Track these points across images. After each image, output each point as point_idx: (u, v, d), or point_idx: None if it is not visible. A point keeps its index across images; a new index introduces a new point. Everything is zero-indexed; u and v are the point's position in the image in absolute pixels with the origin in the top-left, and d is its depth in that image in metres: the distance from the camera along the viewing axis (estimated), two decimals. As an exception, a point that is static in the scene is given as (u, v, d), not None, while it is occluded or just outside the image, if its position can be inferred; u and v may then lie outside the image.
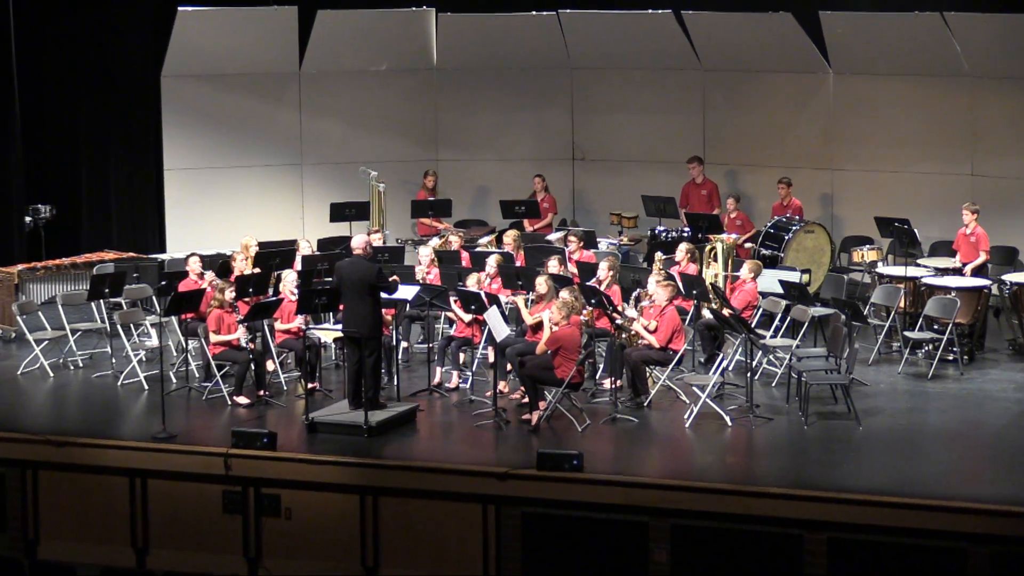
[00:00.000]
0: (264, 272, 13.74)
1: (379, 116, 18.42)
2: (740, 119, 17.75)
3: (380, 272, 11.74)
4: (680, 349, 12.33)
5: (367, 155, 18.03)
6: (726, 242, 14.56)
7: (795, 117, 17.41)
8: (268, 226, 17.35)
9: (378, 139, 18.42)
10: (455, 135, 18.71)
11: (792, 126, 17.44)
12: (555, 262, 13.82)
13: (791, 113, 17.43)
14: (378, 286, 11.66)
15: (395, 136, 18.51)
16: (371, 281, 11.62)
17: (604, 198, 18.41)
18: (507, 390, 12.77)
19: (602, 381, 12.88)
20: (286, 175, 18.14)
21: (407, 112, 18.55)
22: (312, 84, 18.12)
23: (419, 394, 12.74)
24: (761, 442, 11.43)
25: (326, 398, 12.64)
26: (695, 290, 13.52)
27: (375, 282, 11.63)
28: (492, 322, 11.98)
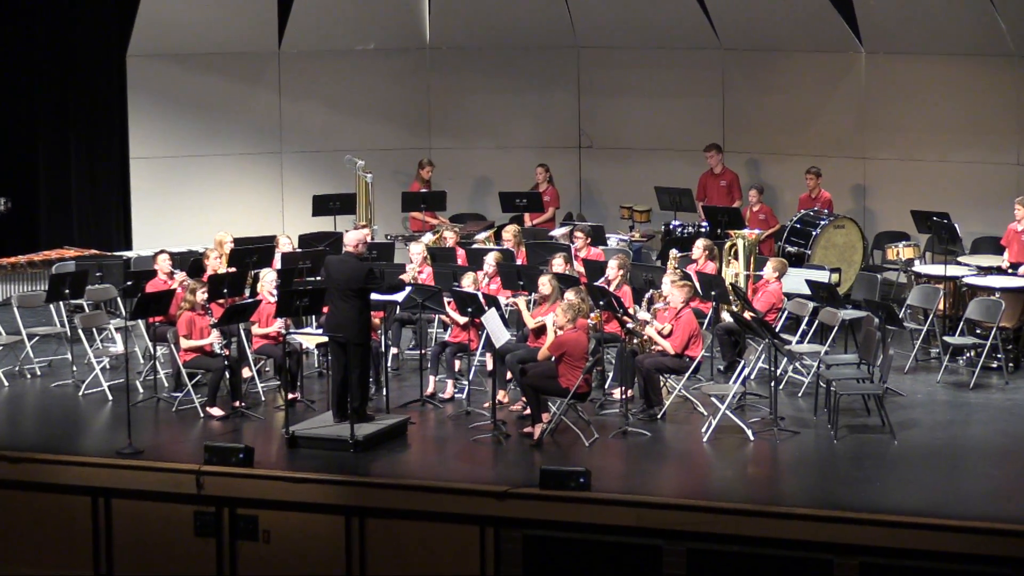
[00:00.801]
0: (240, 271, 13.75)
1: (366, 100, 18.42)
2: (763, 103, 17.75)
3: (371, 274, 11.75)
4: (697, 356, 12.34)
5: (353, 143, 18.03)
6: (748, 238, 14.57)
7: (824, 101, 17.42)
8: (244, 221, 17.35)
9: (365, 125, 18.42)
10: (450, 121, 18.71)
11: (820, 111, 17.45)
12: (560, 260, 13.83)
13: (819, 96, 17.44)
14: (368, 289, 11.67)
15: (384, 122, 18.52)
16: (359, 284, 11.63)
17: (613, 190, 18.42)
18: (507, 401, 12.78)
19: (611, 391, 12.89)
20: (264, 165, 18.15)
21: (397, 95, 18.55)
22: (293, 64, 18.13)
23: (410, 405, 12.74)
24: (786, 458, 11.44)
25: (308, 409, 12.64)
26: (714, 291, 13.53)
27: (364, 285, 11.64)
28: (490, 326, 12.00)
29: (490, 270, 14.01)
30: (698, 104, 18.02)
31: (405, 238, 16.73)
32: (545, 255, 14.46)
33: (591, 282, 13.39)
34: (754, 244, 14.65)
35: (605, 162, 18.56)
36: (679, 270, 13.84)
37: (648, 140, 18.30)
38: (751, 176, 17.68)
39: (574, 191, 18.63)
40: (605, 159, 18.56)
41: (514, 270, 13.91)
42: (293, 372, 12.79)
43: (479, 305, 12.54)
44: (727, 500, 10.39)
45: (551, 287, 12.76)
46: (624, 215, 17.59)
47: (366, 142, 18.15)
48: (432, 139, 18.65)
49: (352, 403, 11.67)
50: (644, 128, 18.33)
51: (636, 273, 13.88)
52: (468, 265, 14.52)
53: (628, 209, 17.52)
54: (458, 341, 13.08)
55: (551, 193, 17.59)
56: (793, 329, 13.86)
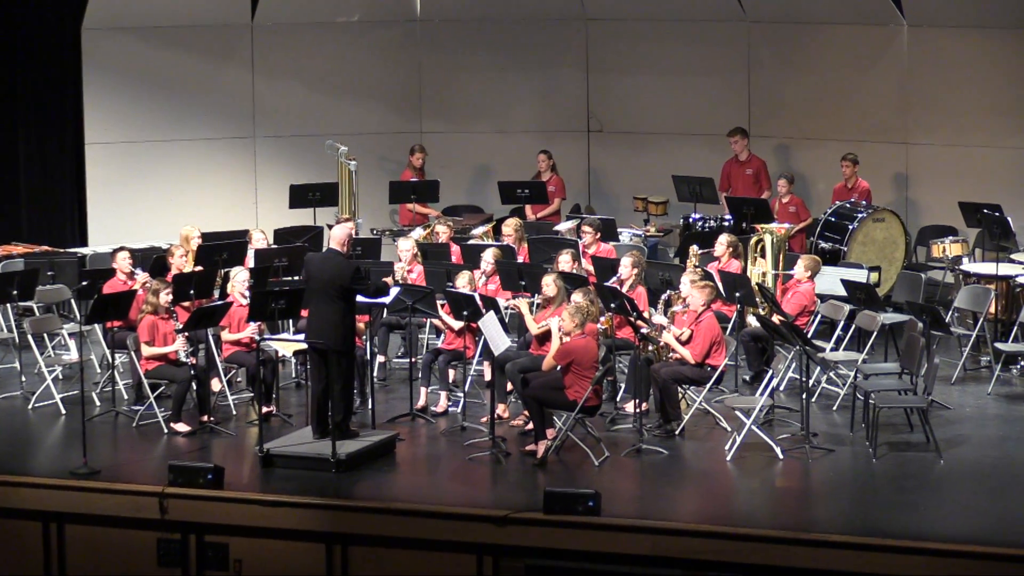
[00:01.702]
0: (208, 270, 13.75)
1: (350, 78, 18.41)
2: (794, 82, 17.75)
3: (358, 273, 11.75)
4: (720, 365, 12.34)
5: (335, 126, 18.03)
6: (776, 233, 14.57)
7: (861, 79, 17.41)
8: (213, 213, 17.34)
9: (348, 107, 18.42)
10: (443, 102, 18.70)
11: (858, 90, 17.45)
12: (566, 257, 13.84)
13: (856, 74, 17.44)
14: (354, 290, 11.68)
15: (369, 103, 18.51)
16: (344, 283, 11.63)
17: (626, 179, 18.40)
18: (507, 415, 12.78)
19: (624, 404, 12.89)
20: (235, 151, 18.15)
21: (384, 73, 18.54)
22: (267, 38, 18.12)
23: (399, 420, 12.74)
24: (819, 479, 11.44)
25: (284, 425, 12.64)
26: (738, 292, 13.53)
27: (350, 285, 11.64)
28: (489, 331, 12.00)
29: (488, 269, 14.00)
30: (721, 83, 18.01)
31: (393, 233, 16.70)
32: (550, 252, 14.45)
33: (601, 282, 13.39)
34: (783, 240, 14.64)
35: (617, 148, 18.54)
36: (699, 269, 13.83)
37: (665, 123, 18.29)
38: (780, 164, 17.67)
39: (582, 180, 18.62)
40: (617, 145, 18.55)
41: (515, 269, 13.91)
42: (268, 383, 12.79)
43: (476, 308, 12.53)
44: (753, 526, 10.37)
45: (556, 288, 12.76)
46: (638, 207, 17.58)
47: (349, 126, 18.14)
48: (423, 122, 18.64)
49: (334, 418, 11.66)
50: (660, 110, 18.32)
51: (652, 272, 13.87)
52: (463, 263, 14.51)
53: (642, 200, 17.50)
54: (452, 348, 13.08)
55: (556, 183, 17.59)
56: (827, 335, 13.84)
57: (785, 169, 17.34)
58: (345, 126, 18.07)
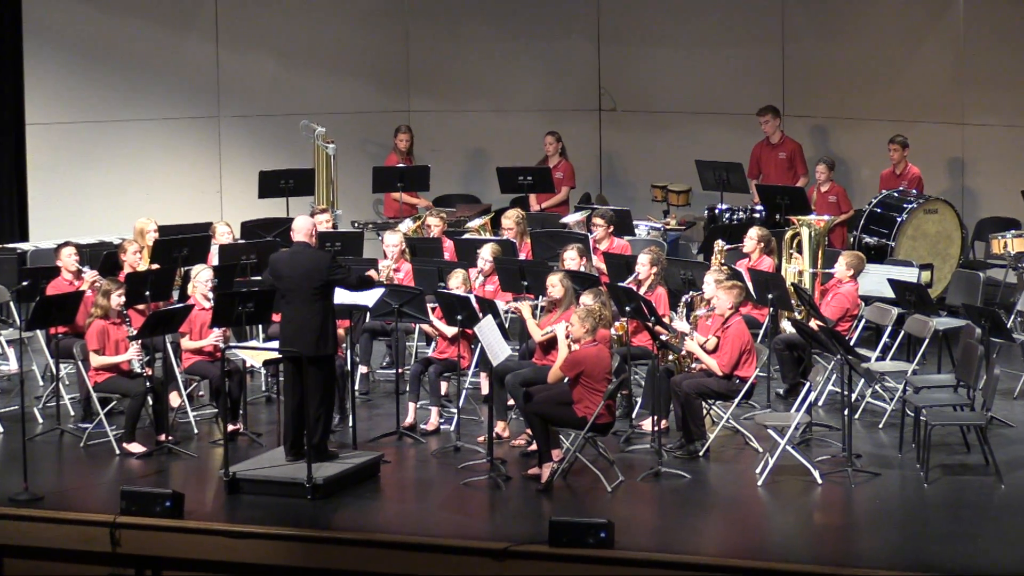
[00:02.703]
0: (166, 268, 13.75)
1: (327, 50, 18.41)
2: (833, 53, 17.74)
3: (335, 262, 11.72)
4: (750, 376, 12.34)
5: (310, 104, 18.02)
6: (815, 226, 14.58)
7: (911, 51, 17.41)
8: (172, 204, 17.34)
9: (326, 82, 18.41)
10: (434, 77, 18.69)
11: (907, 63, 17.45)
12: (574, 254, 13.84)
13: (905, 45, 17.43)
14: (333, 282, 11.66)
15: (350, 78, 18.51)
16: (322, 277, 11.62)
17: (643, 164, 18.40)
18: (507, 434, 12.77)
19: (640, 421, 12.88)
20: (197, 132, 18.14)
21: (367, 44, 18.53)
22: (234, 5, 18.10)
23: (384, 439, 12.74)
24: (863, 507, 11.42)
25: (253, 445, 12.64)
26: (771, 294, 13.54)
27: (329, 277, 11.62)
28: (486, 338, 11.99)
29: (486, 267, 14.00)
30: (751, 55, 18.00)
31: (377, 226, 16.71)
32: (556, 248, 14.45)
33: (615, 282, 13.39)
34: (823, 233, 14.64)
35: (632, 129, 18.54)
36: (727, 267, 13.82)
37: (687, 101, 18.28)
38: (818, 147, 17.67)
39: (593, 166, 18.61)
40: (632, 125, 18.54)
41: (516, 267, 13.91)
42: (234, 397, 12.77)
43: (471, 312, 12.52)
44: (788, 560, 10.34)
45: (564, 289, 12.76)
46: (657, 197, 17.57)
47: (327, 104, 18.13)
48: (412, 100, 18.64)
49: (310, 437, 11.66)
50: (682, 86, 18.32)
51: (672, 271, 13.87)
52: (457, 261, 14.50)
53: (661, 189, 17.50)
54: (445, 358, 13.07)
55: (564, 169, 17.59)
56: (872, 342, 13.83)
57: (824, 153, 17.34)
58: (322, 104, 18.06)
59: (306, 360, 11.56)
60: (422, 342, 14.59)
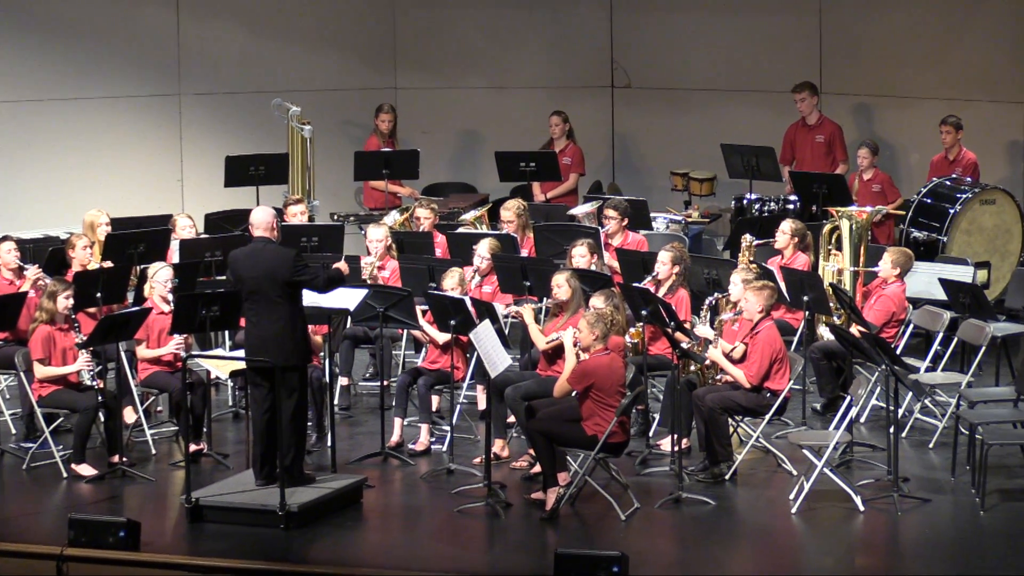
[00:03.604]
0: (120, 267, 13.75)
1: (303, 19, 18.40)
2: (877, 23, 17.74)
3: (299, 260, 11.72)
4: (782, 389, 12.34)
5: (284, 81, 18.02)
6: (856, 218, 14.57)
7: (966, 20, 17.40)
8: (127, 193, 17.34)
9: (301, 55, 18.40)
10: (424, 49, 18.69)
11: (961, 34, 17.44)
12: (583, 250, 13.85)
13: (960, 14, 17.42)
14: (299, 282, 11.66)
15: (329, 50, 18.50)
16: (286, 277, 11.61)
17: (662, 149, 18.39)
18: (507, 454, 12.79)
19: (659, 441, 12.90)
20: (155, 113, 18.13)
21: (348, 12, 18.53)
22: (196, -33, 18.21)
23: (367, 461, 12.74)
24: (912, 536, 11.42)
25: (218, 467, 12.64)
26: (806, 295, 13.54)
27: (293, 277, 11.62)
28: (483, 346, 12.00)
29: (483, 265, 14.01)
30: (785, 25, 18.00)
31: (360, 219, 16.69)
32: (563, 243, 14.46)
33: (629, 283, 13.39)
34: (865, 227, 14.63)
35: (649, 109, 18.53)
36: (756, 265, 13.82)
37: (711, 77, 18.28)
38: (860, 129, 17.66)
39: (604, 150, 18.61)
40: (649, 104, 18.53)
41: (517, 265, 13.92)
42: (197, 413, 12.78)
43: (467, 316, 12.52)
44: (826, 598, 10.39)
45: (571, 290, 12.76)
46: (677, 185, 17.57)
47: (303, 80, 18.13)
48: (398, 75, 18.64)
49: (282, 459, 11.67)
50: (705, 60, 18.31)
51: (695, 270, 13.87)
52: (451, 258, 14.50)
53: (682, 177, 17.50)
54: (436, 368, 13.08)
55: (572, 153, 17.58)
56: (921, 350, 13.82)
57: (867, 136, 17.34)
58: (297, 80, 18.06)
59: (278, 371, 11.55)
60: (410, 350, 14.58)
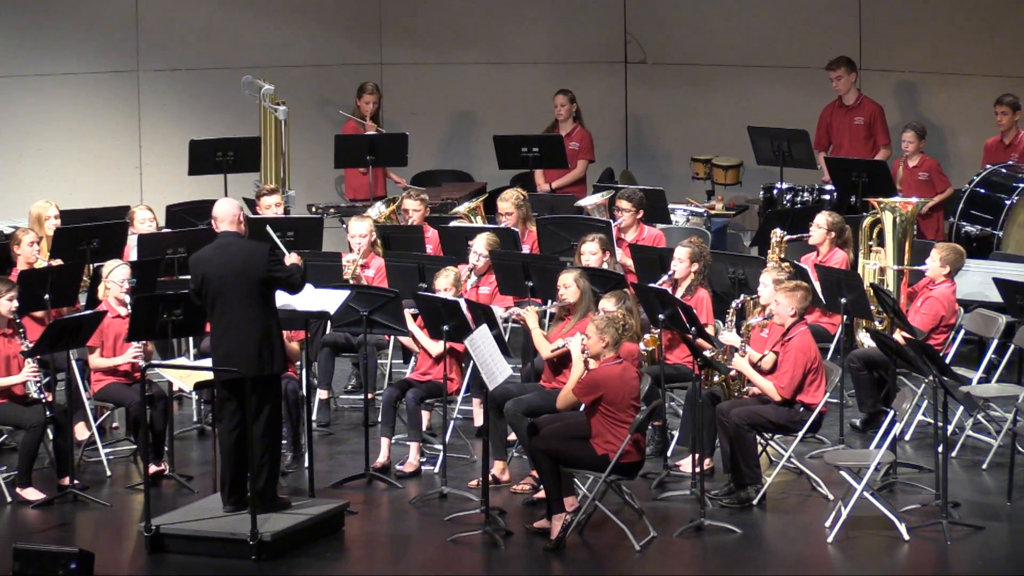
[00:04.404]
0: (71, 265, 13.76)
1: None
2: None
3: (273, 254, 11.71)
4: (817, 403, 12.34)
5: (255, 56, 18.03)
6: (901, 210, 14.57)
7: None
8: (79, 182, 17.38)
9: (274, 27, 18.41)
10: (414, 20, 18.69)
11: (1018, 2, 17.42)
12: (593, 246, 13.86)
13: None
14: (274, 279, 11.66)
15: (306, 22, 18.51)
16: (260, 273, 11.61)
17: (681, 132, 18.41)
18: (507, 477, 12.80)
19: (678, 461, 12.91)
20: (110, 91, 18.16)
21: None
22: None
23: (350, 484, 12.76)
24: (962, 569, 11.41)
25: (182, 491, 12.65)
26: (845, 297, 13.54)
27: (267, 274, 11.62)
28: (480, 355, 11.99)
29: (480, 263, 14.03)
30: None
31: (341, 211, 16.70)
32: (570, 239, 14.48)
33: (644, 283, 13.40)
34: (910, 220, 14.64)
35: (667, 87, 18.54)
36: (788, 264, 13.82)
37: (736, 52, 18.31)
38: (905, 110, 17.69)
39: (617, 134, 18.63)
40: (667, 82, 18.54)
41: (519, 263, 13.93)
42: (157, 429, 12.78)
43: (462, 321, 12.54)
44: (867, 639, 10.42)
45: (579, 291, 12.77)
46: (698, 173, 17.59)
47: (276, 55, 18.14)
48: (384, 50, 18.64)
49: (253, 481, 11.67)
50: (729, 33, 18.34)
51: (718, 268, 13.88)
52: (443, 255, 14.52)
53: (704, 164, 17.51)
54: (427, 380, 13.09)
55: (579, 137, 17.59)
56: (974, 359, 13.81)
57: (912, 117, 17.35)
58: (270, 56, 18.07)
59: (248, 382, 11.55)
60: (398, 360, 14.58)
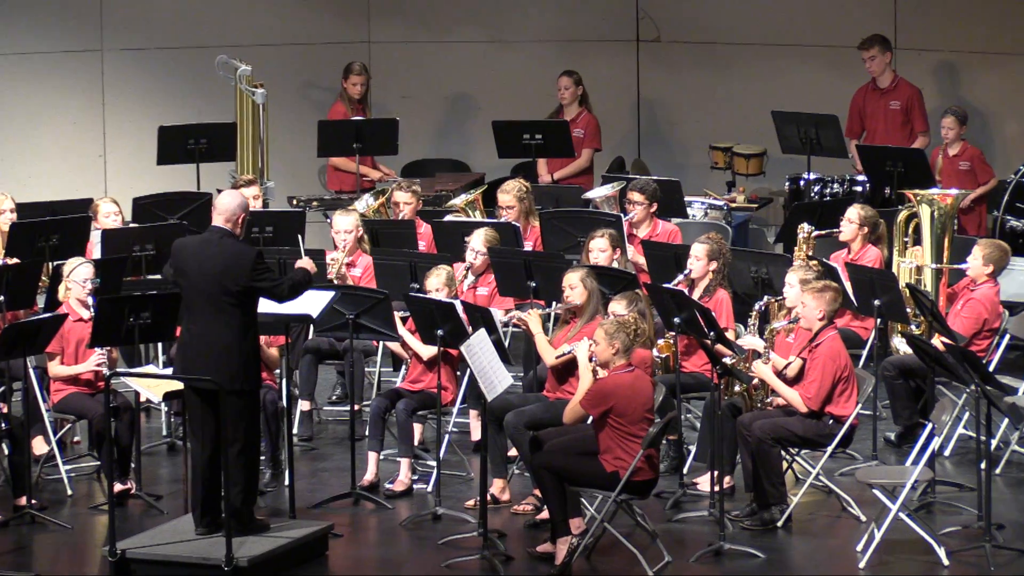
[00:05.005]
0: (28, 263, 13.75)
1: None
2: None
3: (260, 261, 11.69)
4: (849, 415, 12.32)
5: (230, 34, 18.04)
6: (940, 203, 14.56)
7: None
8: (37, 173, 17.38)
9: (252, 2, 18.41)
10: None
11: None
12: (602, 243, 13.85)
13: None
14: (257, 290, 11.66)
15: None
16: (242, 281, 11.61)
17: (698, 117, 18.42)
18: (507, 496, 12.80)
19: (695, 479, 12.91)
20: (71, 73, 18.19)
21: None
22: None
23: (335, 504, 12.77)
24: (1008, 598, 11.46)
25: (149, 511, 12.66)
26: (879, 299, 13.53)
27: (252, 282, 11.62)
28: (477, 362, 11.96)
29: (478, 261, 14.04)
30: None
31: (325, 204, 16.70)
32: (577, 234, 14.49)
33: (658, 283, 13.39)
34: (950, 214, 14.63)
35: (683, 68, 18.55)
36: (816, 262, 13.82)
37: (759, 30, 18.33)
38: (944, 93, 17.70)
39: (628, 119, 18.64)
40: (683, 63, 18.55)
41: (520, 261, 13.92)
42: (123, 444, 12.78)
43: (457, 324, 12.53)
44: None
45: (587, 292, 12.76)
46: (717, 162, 17.59)
47: (254, 33, 18.16)
48: (372, 27, 18.66)
49: (229, 500, 11.67)
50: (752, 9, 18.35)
51: (739, 267, 13.88)
52: (437, 253, 14.53)
53: (724, 152, 17.51)
54: (419, 390, 13.09)
55: (586, 123, 17.59)
56: (1020, 367, 13.81)
57: (952, 101, 17.35)
58: (247, 34, 18.09)
59: (224, 392, 11.54)
60: (387, 367, 14.57)
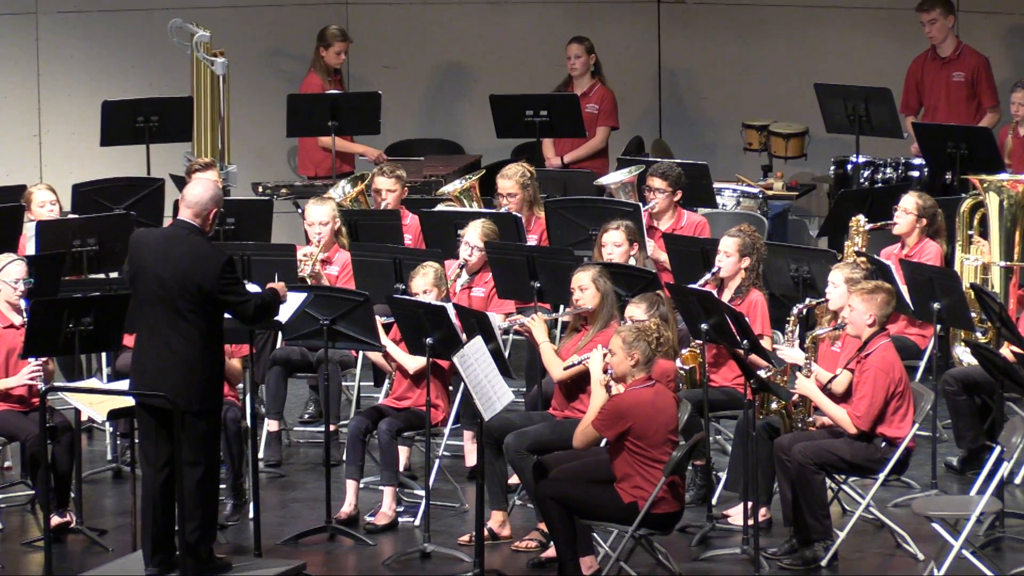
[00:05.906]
0: (-49, 261, 13.77)
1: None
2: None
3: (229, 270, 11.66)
4: (904, 437, 12.30)
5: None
6: (1009, 191, 14.55)
7: None
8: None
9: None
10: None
11: None
12: (617, 237, 13.84)
13: None
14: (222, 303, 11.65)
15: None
16: (205, 289, 11.58)
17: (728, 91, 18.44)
18: (507, 531, 12.80)
19: (726, 511, 12.90)
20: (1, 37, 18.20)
21: None
22: None
23: (307, 539, 12.78)
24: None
25: (92, 547, 12.69)
26: (938, 302, 13.50)
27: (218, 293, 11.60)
28: (473, 375, 11.93)
29: (473, 258, 14.04)
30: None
31: (295, 192, 16.75)
32: (588, 227, 14.51)
33: (683, 283, 13.34)
34: (1022, 203, 14.60)
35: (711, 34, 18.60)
36: (866, 259, 13.79)
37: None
38: (1017, 64, 17.74)
39: (648, 93, 18.68)
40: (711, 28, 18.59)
41: (522, 258, 13.90)
42: (62, 471, 12.78)
43: (449, 331, 12.53)
44: None
45: (599, 294, 12.75)
46: (752, 143, 17.62)
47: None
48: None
49: (185, 534, 11.63)
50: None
51: (777, 265, 13.91)
52: (426, 248, 14.56)
53: (759, 131, 17.54)
54: (406, 407, 13.11)
55: (600, 97, 17.60)
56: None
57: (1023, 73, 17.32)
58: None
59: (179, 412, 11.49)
60: (368, 382, 14.56)
